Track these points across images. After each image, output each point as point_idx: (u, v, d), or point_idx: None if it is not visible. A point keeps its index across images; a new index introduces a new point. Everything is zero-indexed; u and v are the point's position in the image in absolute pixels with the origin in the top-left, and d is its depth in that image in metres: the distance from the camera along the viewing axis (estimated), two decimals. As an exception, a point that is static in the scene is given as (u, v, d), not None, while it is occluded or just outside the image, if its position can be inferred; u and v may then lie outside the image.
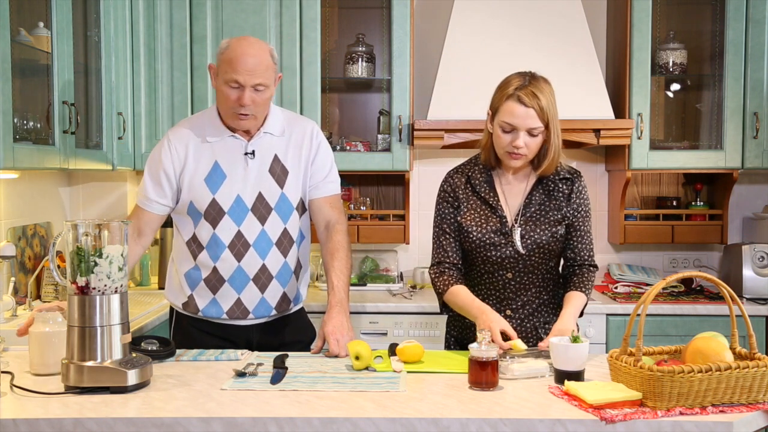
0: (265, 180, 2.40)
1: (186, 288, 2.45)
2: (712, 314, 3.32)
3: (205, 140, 2.41)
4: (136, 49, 3.45)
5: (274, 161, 2.42)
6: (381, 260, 3.92)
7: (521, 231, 2.27)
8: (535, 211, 2.29)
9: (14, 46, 2.42)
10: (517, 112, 2.18)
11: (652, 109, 3.62)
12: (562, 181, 2.32)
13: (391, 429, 1.68)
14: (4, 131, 2.31)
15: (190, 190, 2.39)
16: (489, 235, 2.28)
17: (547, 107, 2.18)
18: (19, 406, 1.76)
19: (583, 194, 2.33)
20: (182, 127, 2.46)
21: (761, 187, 3.96)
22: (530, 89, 2.17)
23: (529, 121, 2.17)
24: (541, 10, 3.62)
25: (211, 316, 2.44)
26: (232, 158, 2.40)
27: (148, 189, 2.42)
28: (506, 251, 2.27)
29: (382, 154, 3.64)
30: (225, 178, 2.39)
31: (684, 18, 3.82)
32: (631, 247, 3.97)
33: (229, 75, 2.28)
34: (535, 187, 2.31)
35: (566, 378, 1.88)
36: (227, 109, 2.34)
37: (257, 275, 2.41)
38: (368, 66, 3.76)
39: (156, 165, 2.42)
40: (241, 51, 2.29)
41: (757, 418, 1.73)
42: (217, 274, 2.40)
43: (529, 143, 2.20)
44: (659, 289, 1.74)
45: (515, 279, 2.30)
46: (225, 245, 2.38)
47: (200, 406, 1.76)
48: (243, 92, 2.28)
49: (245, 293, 2.41)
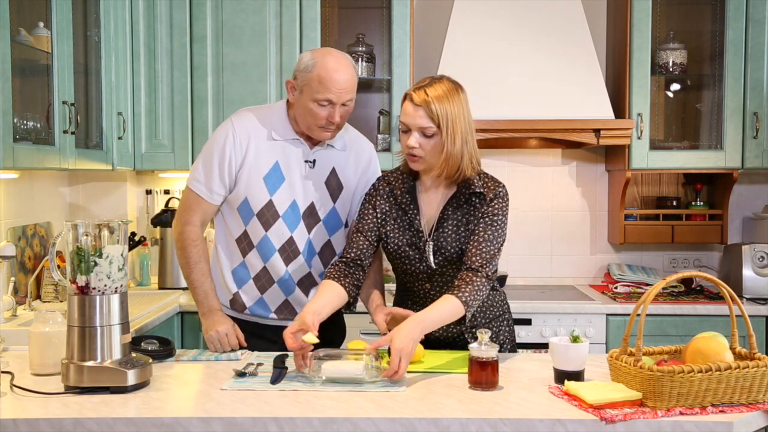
0: (320, 190, 2.39)
1: (232, 285, 2.43)
2: (712, 314, 3.32)
3: (270, 137, 2.37)
4: (136, 49, 3.45)
5: (332, 174, 2.41)
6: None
7: (434, 246, 2.21)
8: (448, 224, 2.21)
9: (14, 46, 2.42)
10: (407, 110, 2.15)
11: (652, 109, 3.62)
12: (477, 195, 2.21)
13: (391, 429, 1.68)
14: (4, 131, 2.31)
15: (248, 185, 2.35)
16: (404, 248, 2.25)
17: (442, 110, 2.10)
18: (19, 406, 1.76)
19: (494, 202, 2.19)
20: (248, 116, 2.40)
21: (761, 187, 3.96)
22: (424, 89, 2.13)
23: (418, 120, 2.13)
24: (541, 10, 3.62)
25: (259, 315, 2.43)
26: (293, 162, 2.37)
27: (214, 180, 2.35)
28: (420, 266, 2.24)
29: (382, 154, 3.63)
30: (283, 181, 2.36)
31: (684, 18, 3.82)
32: (631, 247, 3.97)
33: (322, 95, 2.24)
34: (450, 200, 2.23)
35: (566, 378, 1.88)
36: (312, 125, 2.30)
37: (302, 280, 2.42)
38: (368, 66, 3.76)
39: (220, 154, 2.35)
40: (333, 71, 2.24)
41: (757, 418, 1.74)
42: (267, 274, 2.39)
43: (422, 143, 2.14)
44: (659, 289, 1.75)
45: (434, 290, 2.26)
46: (275, 249, 2.37)
47: (200, 406, 1.76)
48: (334, 109, 2.26)
49: (293, 296, 2.42)
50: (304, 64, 2.29)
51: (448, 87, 2.14)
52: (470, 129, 2.17)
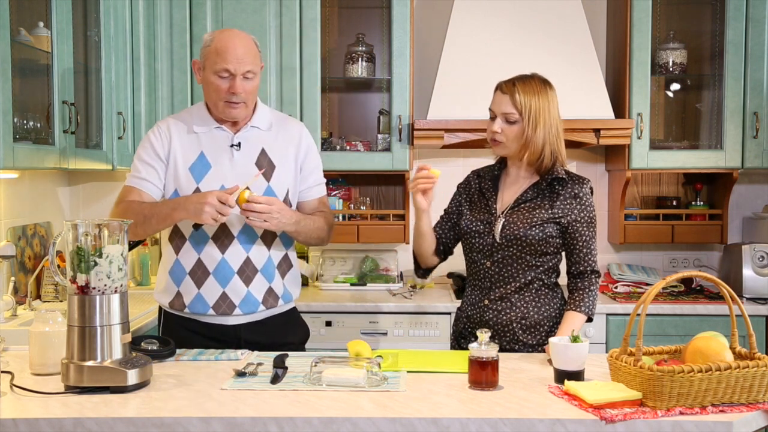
0: (251, 172, 2.38)
1: (172, 285, 2.43)
2: (712, 314, 3.32)
3: (192, 130, 2.43)
4: (136, 49, 3.45)
5: (261, 155, 2.43)
6: (381, 260, 3.92)
7: (503, 222, 2.34)
8: (523, 206, 2.36)
9: (14, 46, 2.42)
10: (495, 99, 2.37)
11: (652, 109, 3.62)
12: (558, 181, 2.36)
13: (391, 429, 1.68)
14: (4, 131, 2.31)
15: (176, 178, 2.39)
16: (475, 223, 2.40)
17: (526, 100, 2.30)
18: (19, 406, 1.76)
19: (584, 201, 2.35)
20: (168, 119, 2.49)
21: (761, 187, 3.96)
22: (514, 80, 2.35)
23: (503, 106, 2.33)
24: (541, 10, 3.62)
25: (198, 312, 2.41)
26: (218, 149, 2.41)
27: (140, 169, 2.41)
28: (486, 239, 2.36)
29: (382, 154, 3.65)
30: (210, 169, 2.39)
31: (684, 18, 3.82)
32: (631, 247, 3.97)
33: (219, 65, 2.31)
34: (531, 186, 2.38)
35: (566, 378, 1.89)
36: (217, 100, 2.36)
37: (242, 268, 2.39)
38: (368, 66, 3.76)
39: (146, 148, 2.42)
40: (228, 41, 2.32)
41: (757, 418, 1.74)
42: (202, 266, 2.39)
43: (505, 129, 2.33)
44: (659, 289, 1.75)
45: (493, 269, 2.36)
46: (208, 237, 2.37)
47: (200, 406, 1.76)
48: (234, 81, 2.32)
49: (230, 287, 2.39)
50: (204, 41, 2.39)
51: (535, 81, 2.35)
52: (554, 124, 2.35)
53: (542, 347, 2.33)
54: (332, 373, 1.93)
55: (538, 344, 2.34)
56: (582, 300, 2.34)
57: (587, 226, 2.35)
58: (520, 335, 2.34)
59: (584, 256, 2.36)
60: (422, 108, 3.74)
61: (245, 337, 2.42)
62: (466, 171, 2.62)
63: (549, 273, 2.38)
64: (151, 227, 2.35)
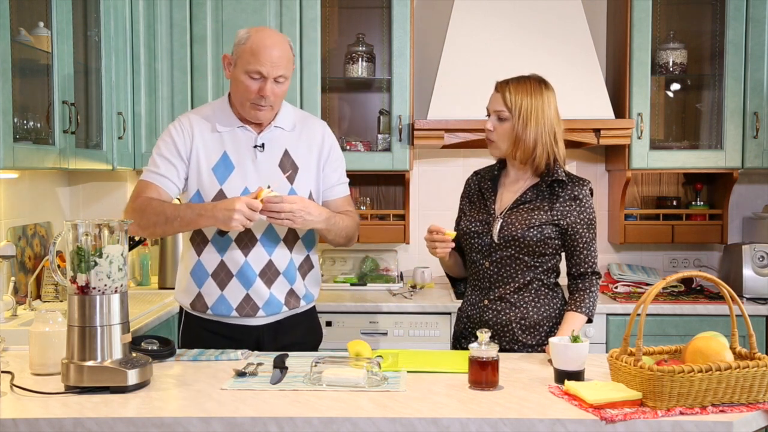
0: (274, 174, 2.37)
1: (193, 286, 2.41)
2: (712, 314, 3.32)
3: (215, 129, 2.38)
4: (136, 49, 3.45)
5: (285, 156, 2.40)
6: (381, 260, 3.92)
7: (501, 223, 2.35)
8: (522, 207, 2.36)
9: (14, 46, 2.42)
10: (491, 98, 2.39)
11: (652, 109, 3.62)
12: (557, 183, 2.36)
13: (391, 429, 1.68)
14: (4, 131, 2.31)
15: (198, 178, 2.36)
16: (474, 223, 2.40)
17: (517, 98, 2.30)
18: (19, 406, 1.76)
19: (583, 203, 2.35)
20: (189, 115, 2.43)
21: (761, 187, 3.96)
22: (508, 80, 2.36)
23: (494, 104, 2.35)
24: (541, 10, 3.62)
25: (221, 314, 2.39)
26: (242, 150, 2.37)
27: (159, 165, 2.35)
28: (484, 240, 2.36)
29: (382, 154, 3.65)
30: (233, 170, 2.36)
31: (684, 18, 3.82)
32: (631, 247, 3.97)
33: (252, 66, 2.26)
34: (531, 187, 2.38)
35: (566, 378, 1.88)
36: (244, 100, 2.32)
37: (263, 271, 2.38)
38: (368, 66, 3.76)
39: (167, 144, 2.36)
40: (264, 42, 2.27)
41: (757, 418, 1.73)
42: (225, 268, 2.37)
43: (496, 127, 2.35)
44: (659, 289, 1.75)
45: (492, 269, 2.36)
46: (231, 239, 2.35)
47: (200, 406, 1.76)
48: (265, 83, 2.28)
49: (253, 289, 2.37)
50: (239, 37, 2.33)
51: (531, 81, 2.35)
52: (549, 124, 2.33)
53: (542, 347, 2.33)
54: (332, 373, 1.93)
55: (537, 344, 2.35)
56: (582, 301, 2.34)
57: (587, 228, 2.35)
58: (519, 335, 2.34)
59: (584, 258, 2.36)
60: (422, 108, 3.74)
61: (266, 337, 2.41)
62: (466, 171, 2.62)
63: (548, 273, 2.38)
64: (172, 229, 2.32)
